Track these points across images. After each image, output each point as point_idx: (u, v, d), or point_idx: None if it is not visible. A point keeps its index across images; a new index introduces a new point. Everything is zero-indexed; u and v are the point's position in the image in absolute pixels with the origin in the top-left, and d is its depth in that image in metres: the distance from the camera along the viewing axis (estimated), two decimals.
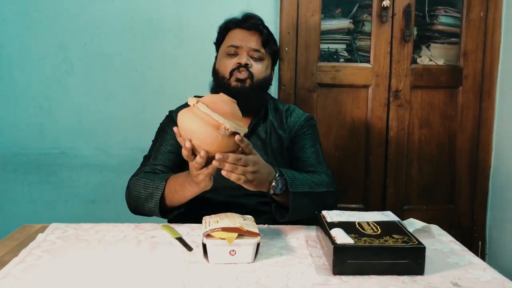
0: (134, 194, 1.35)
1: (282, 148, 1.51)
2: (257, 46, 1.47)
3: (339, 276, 0.98)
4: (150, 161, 1.46)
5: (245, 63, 1.43)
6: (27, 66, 2.23)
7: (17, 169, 2.29)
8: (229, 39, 1.50)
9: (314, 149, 1.50)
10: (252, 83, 1.44)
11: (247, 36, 1.47)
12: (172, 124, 1.43)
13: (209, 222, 1.08)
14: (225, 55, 1.48)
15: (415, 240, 1.01)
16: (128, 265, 1.03)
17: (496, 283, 0.96)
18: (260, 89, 1.47)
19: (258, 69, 1.46)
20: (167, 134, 1.50)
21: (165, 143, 1.48)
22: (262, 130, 1.52)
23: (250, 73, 1.44)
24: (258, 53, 1.46)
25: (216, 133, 1.04)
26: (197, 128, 1.04)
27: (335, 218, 1.14)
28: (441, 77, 2.24)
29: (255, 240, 1.04)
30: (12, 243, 1.16)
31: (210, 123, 1.04)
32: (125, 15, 2.22)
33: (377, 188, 2.28)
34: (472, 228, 2.34)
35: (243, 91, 1.42)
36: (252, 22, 1.49)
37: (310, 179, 1.32)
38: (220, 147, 1.05)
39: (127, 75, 2.25)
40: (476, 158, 2.30)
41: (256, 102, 1.48)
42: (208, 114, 1.03)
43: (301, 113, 1.57)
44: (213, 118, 1.03)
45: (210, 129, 1.04)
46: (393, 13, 2.17)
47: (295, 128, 1.53)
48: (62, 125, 2.27)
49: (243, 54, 1.45)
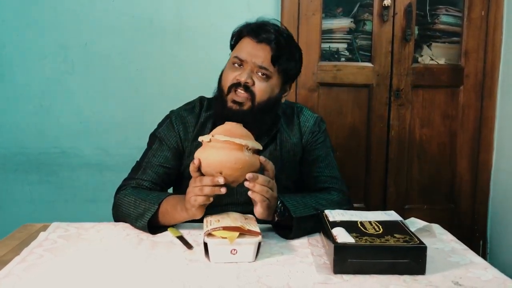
0: (124, 211, 1.27)
1: (295, 157, 1.42)
2: (264, 63, 1.27)
3: (340, 275, 0.98)
4: (139, 174, 1.35)
5: (245, 82, 1.26)
6: (27, 66, 2.23)
7: (17, 169, 2.29)
8: (237, 48, 1.33)
9: (327, 161, 1.42)
10: (253, 106, 1.27)
11: (255, 50, 1.28)
12: (172, 132, 1.36)
13: (210, 221, 1.08)
14: (230, 65, 1.32)
15: (416, 240, 1.01)
16: (129, 264, 1.03)
17: (497, 282, 0.96)
18: (262, 112, 1.29)
19: (261, 89, 1.28)
20: (163, 145, 1.37)
21: (158, 154, 1.36)
22: (272, 144, 1.40)
23: (250, 93, 1.27)
24: (264, 70, 1.28)
25: (242, 155, 1.05)
26: (224, 158, 1.04)
27: (337, 217, 1.14)
28: (442, 77, 2.24)
29: (256, 239, 1.04)
30: (13, 242, 1.16)
31: (233, 148, 1.05)
32: (126, 15, 2.22)
33: (377, 187, 2.28)
34: (473, 227, 2.33)
35: (239, 115, 1.25)
36: (263, 36, 1.29)
37: (316, 201, 1.24)
38: (249, 168, 1.07)
39: (128, 74, 2.25)
40: (477, 157, 2.29)
41: (258, 126, 1.30)
42: (229, 141, 1.04)
43: (310, 114, 1.46)
44: (234, 143, 1.04)
45: (235, 153, 1.05)
46: (394, 12, 2.17)
47: (306, 135, 1.42)
48: (63, 124, 2.27)
49: (245, 70, 1.28)
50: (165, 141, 1.37)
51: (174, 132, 1.37)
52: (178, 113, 1.41)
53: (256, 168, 1.08)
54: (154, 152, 1.37)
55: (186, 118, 1.38)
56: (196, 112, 1.40)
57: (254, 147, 1.07)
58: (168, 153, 1.36)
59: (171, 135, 1.37)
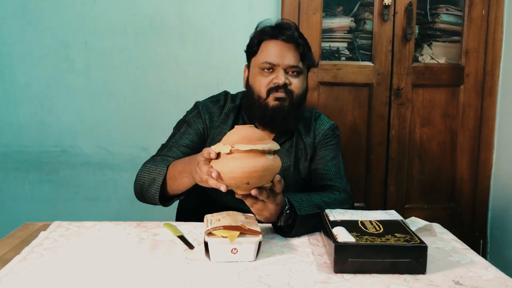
0: (140, 180, 1.33)
1: (307, 156, 1.48)
2: (295, 62, 1.36)
3: (340, 274, 0.98)
4: (165, 151, 1.42)
5: (284, 83, 1.35)
6: (28, 64, 2.23)
7: (18, 167, 2.29)
8: (263, 53, 1.38)
9: (335, 161, 1.46)
10: (292, 101, 1.37)
11: (284, 51, 1.36)
12: (199, 119, 1.44)
13: (211, 221, 1.08)
14: (260, 71, 1.37)
15: (417, 239, 1.01)
16: (130, 263, 1.03)
17: (498, 281, 0.96)
18: (298, 106, 1.40)
19: (297, 85, 1.38)
20: (191, 128, 1.44)
21: (185, 137, 1.44)
22: (289, 142, 1.47)
23: (290, 92, 1.36)
24: (296, 68, 1.37)
25: (266, 160, 1.03)
26: (251, 168, 1.01)
27: (338, 217, 1.14)
28: (442, 76, 2.24)
29: (257, 239, 1.04)
30: (14, 241, 1.16)
31: (256, 155, 1.02)
32: (126, 13, 2.22)
33: (378, 186, 2.28)
34: (473, 226, 2.34)
35: (282, 111, 1.36)
36: (289, 34, 1.36)
37: (320, 199, 1.26)
38: (274, 171, 1.05)
39: (128, 73, 2.25)
40: (478, 156, 2.29)
41: (294, 120, 1.42)
42: (252, 149, 1.01)
43: (326, 120, 1.53)
44: (257, 149, 1.02)
45: (259, 160, 1.02)
46: (395, 11, 2.17)
47: (319, 136, 1.49)
48: (63, 123, 2.27)
49: (280, 72, 1.35)
50: (193, 126, 1.44)
51: (202, 119, 1.45)
52: (205, 103, 1.49)
53: (279, 168, 1.07)
54: (181, 135, 1.45)
55: (212, 108, 1.47)
56: (221, 104, 1.48)
57: (273, 148, 1.05)
58: (195, 137, 1.44)
59: (199, 121, 1.45)
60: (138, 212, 1.92)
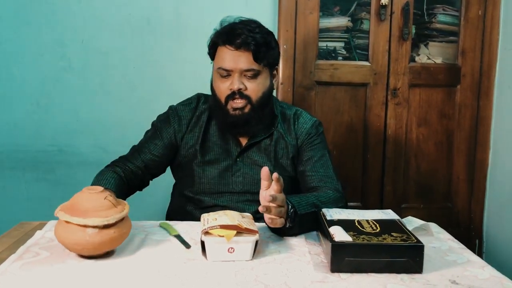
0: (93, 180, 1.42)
1: (288, 155, 1.46)
2: (248, 66, 1.34)
3: (337, 273, 0.98)
4: (128, 155, 1.50)
5: (238, 89, 1.34)
6: (24, 63, 2.22)
7: (14, 167, 2.28)
8: (218, 59, 1.39)
9: (322, 161, 1.45)
10: (252, 106, 1.37)
11: (236, 57, 1.34)
12: (167, 125, 1.47)
13: (208, 220, 1.08)
14: (218, 76, 1.39)
15: (414, 238, 1.01)
16: (126, 262, 1.03)
17: (494, 281, 0.97)
18: (261, 107, 1.39)
19: (255, 88, 1.36)
20: (156, 134, 1.48)
21: (150, 141, 1.48)
22: (268, 139, 1.46)
23: (246, 97, 1.36)
24: (251, 71, 1.35)
25: (84, 235, 1.01)
26: (71, 239, 1.01)
27: (335, 216, 1.14)
28: (439, 76, 2.25)
29: (254, 238, 1.04)
30: (9, 240, 1.15)
31: (78, 228, 1.01)
32: (123, 12, 2.21)
33: (374, 186, 2.28)
34: (469, 226, 2.34)
35: (243, 119, 1.37)
36: (239, 42, 1.33)
37: (316, 198, 1.27)
38: (93, 246, 1.02)
39: (125, 72, 2.25)
40: (474, 156, 2.30)
41: (259, 122, 1.41)
42: (68, 220, 1.01)
43: (308, 117, 1.51)
44: (73, 223, 1.01)
45: (78, 233, 1.01)
46: (392, 11, 2.17)
47: (302, 136, 1.47)
48: (60, 122, 2.26)
49: (234, 77, 1.35)
50: (159, 132, 1.48)
51: (170, 125, 1.48)
52: (176, 107, 1.52)
53: (103, 244, 1.03)
54: (147, 139, 1.50)
55: (182, 111, 1.49)
56: (193, 107, 1.50)
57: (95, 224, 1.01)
58: (159, 142, 1.47)
59: (165, 128, 1.48)
60: (134, 211, 1.91)
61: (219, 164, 1.44)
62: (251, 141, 1.45)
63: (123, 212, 1.06)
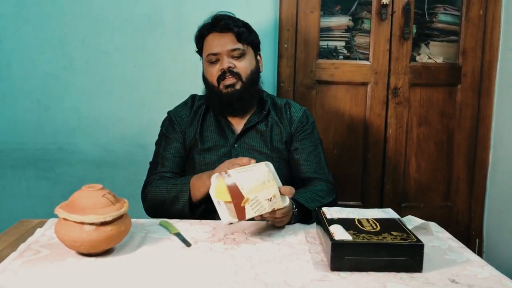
0: (158, 199, 1.42)
1: (282, 140, 1.55)
2: (234, 45, 1.48)
3: (337, 272, 0.98)
4: (158, 169, 1.51)
5: (228, 67, 1.46)
6: (25, 61, 2.22)
7: (14, 165, 2.29)
8: (206, 47, 1.52)
9: (316, 152, 1.55)
10: (243, 83, 1.48)
11: (222, 39, 1.49)
12: (174, 125, 1.56)
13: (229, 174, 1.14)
14: (208, 64, 1.51)
15: (414, 237, 1.01)
16: (126, 260, 1.03)
17: (494, 280, 0.97)
18: (251, 84, 1.51)
19: (243, 66, 1.49)
20: (170, 138, 1.55)
21: (168, 148, 1.53)
22: (263, 124, 1.56)
23: (237, 74, 1.47)
24: (237, 51, 1.48)
25: (82, 232, 1.02)
26: None
27: (335, 215, 1.14)
28: (439, 75, 2.24)
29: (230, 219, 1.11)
30: (10, 238, 1.16)
31: (76, 225, 1.02)
32: (124, 10, 2.21)
33: (375, 185, 2.28)
34: (469, 225, 2.34)
35: (236, 95, 1.47)
36: (222, 24, 1.49)
37: (316, 193, 1.39)
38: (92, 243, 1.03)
39: (126, 70, 2.25)
40: (474, 156, 2.30)
41: (252, 98, 1.53)
42: (65, 218, 1.03)
43: (299, 106, 1.62)
44: (73, 221, 1.02)
45: (75, 230, 1.02)
46: (393, 10, 2.17)
47: (295, 124, 1.57)
48: (60, 120, 2.26)
49: (223, 59, 1.47)
50: (171, 135, 1.55)
51: (175, 125, 1.56)
52: (174, 110, 1.61)
53: (102, 241, 1.04)
54: (164, 147, 1.55)
55: (181, 112, 1.59)
56: (189, 105, 1.60)
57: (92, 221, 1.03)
58: (177, 143, 1.54)
59: (173, 130, 1.56)
60: (134, 209, 1.91)
61: (218, 151, 1.52)
62: (246, 125, 1.53)
63: (121, 210, 1.06)
